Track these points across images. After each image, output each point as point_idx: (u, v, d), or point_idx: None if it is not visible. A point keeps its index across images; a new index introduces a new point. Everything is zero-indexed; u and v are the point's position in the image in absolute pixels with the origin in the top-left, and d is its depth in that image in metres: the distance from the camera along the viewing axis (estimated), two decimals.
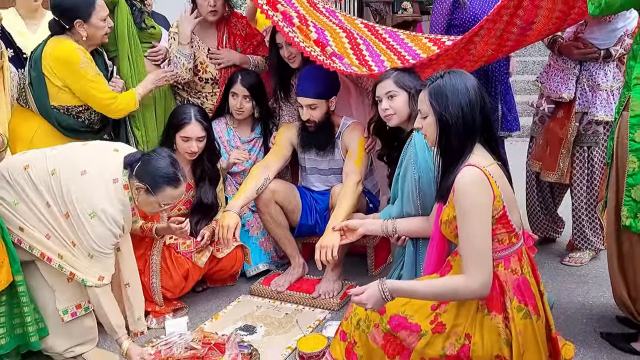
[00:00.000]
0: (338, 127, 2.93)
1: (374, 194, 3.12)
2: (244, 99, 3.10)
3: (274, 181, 2.91)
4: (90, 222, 2.12)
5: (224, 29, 3.22)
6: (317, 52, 2.70)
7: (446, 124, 1.71)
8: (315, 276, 2.98)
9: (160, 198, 2.23)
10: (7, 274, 2.09)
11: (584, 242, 3.05)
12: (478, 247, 1.64)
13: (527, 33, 2.52)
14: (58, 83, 2.65)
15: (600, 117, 2.78)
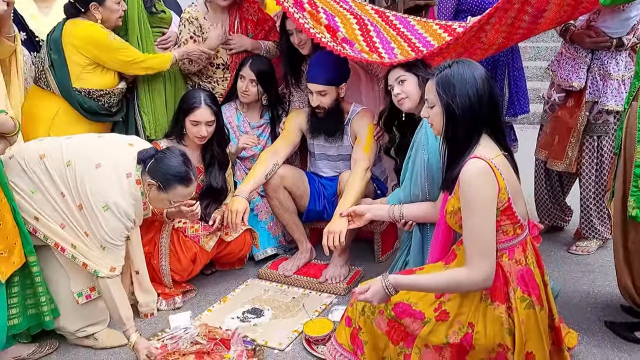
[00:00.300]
0: (347, 114, 2.93)
1: (382, 180, 3.13)
2: (251, 82, 3.11)
3: (283, 167, 2.93)
4: (103, 215, 2.16)
5: (236, 14, 3.23)
6: (327, 38, 2.70)
7: (453, 114, 1.71)
8: (322, 261, 3.02)
9: (171, 195, 2.26)
10: (20, 255, 2.13)
11: (591, 231, 3.05)
12: (482, 239, 1.65)
13: (538, 21, 2.50)
14: (82, 62, 2.70)
15: (610, 107, 2.76)
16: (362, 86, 3.18)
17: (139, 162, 2.24)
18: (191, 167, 2.31)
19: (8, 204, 2.10)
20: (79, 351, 2.41)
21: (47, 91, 2.73)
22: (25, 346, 2.34)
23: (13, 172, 2.21)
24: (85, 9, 2.70)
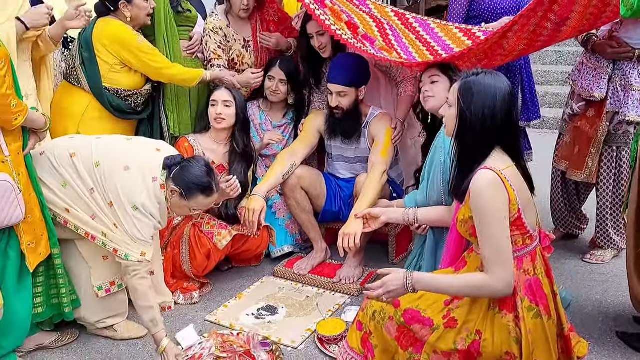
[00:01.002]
0: (366, 117, 2.97)
1: (398, 183, 3.16)
2: (280, 82, 3.18)
3: (301, 167, 2.98)
4: (133, 214, 2.24)
5: (257, 17, 3.29)
6: (348, 34, 2.72)
7: (465, 121, 1.74)
8: (337, 261, 3.06)
9: (191, 203, 2.33)
10: (46, 247, 2.22)
11: (606, 240, 3.05)
12: (498, 248, 1.67)
13: (560, 29, 2.50)
14: (111, 61, 2.78)
15: (631, 118, 2.74)
16: (382, 89, 3.21)
17: (164, 168, 2.32)
18: (214, 178, 2.37)
19: (37, 198, 2.19)
20: (99, 341, 2.49)
21: (77, 87, 2.82)
22: (47, 334, 2.42)
23: (44, 169, 2.30)
24: (115, 8, 2.78)
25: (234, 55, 3.24)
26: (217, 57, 3.20)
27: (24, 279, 2.17)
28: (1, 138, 2.04)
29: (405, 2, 9.12)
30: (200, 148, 2.92)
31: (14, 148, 2.09)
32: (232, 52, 3.23)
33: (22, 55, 2.49)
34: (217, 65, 3.17)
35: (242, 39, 3.25)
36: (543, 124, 6.04)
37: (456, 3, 3.13)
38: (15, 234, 2.11)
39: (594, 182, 2.97)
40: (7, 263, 2.09)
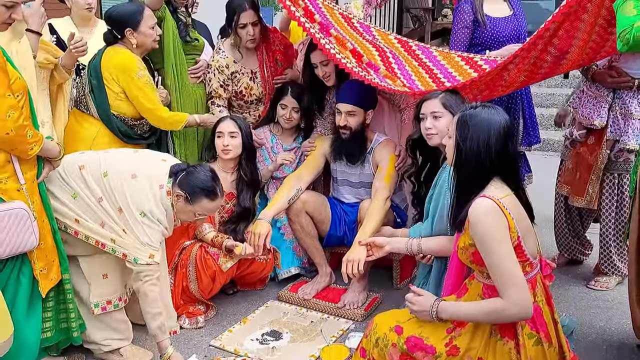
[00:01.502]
0: (370, 143, 3.01)
1: (402, 208, 3.19)
2: (293, 110, 3.26)
3: (306, 192, 3.02)
4: (142, 220, 2.30)
5: (262, 48, 3.35)
6: (353, 63, 2.78)
7: (461, 154, 1.81)
8: (341, 286, 3.08)
9: (196, 207, 2.39)
10: (57, 272, 2.26)
11: (610, 267, 3.05)
12: (505, 272, 1.71)
13: (560, 62, 2.55)
14: (116, 89, 2.84)
15: (631, 146, 2.77)
16: (385, 116, 3.25)
17: (170, 176, 2.39)
18: (218, 183, 2.44)
19: (49, 224, 2.23)
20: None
21: (87, 115, 2.88)
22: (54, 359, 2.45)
23: (54, 183, 2.35)
24: (122, 35, 2.84)
25: (242, 87, 3.31)
26: (218, 96, 3.28)
27: (34, 305, 2.20)
28: (17, 167, 2.09)
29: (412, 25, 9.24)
30: None
31: (29, 176, 2.14)
32: (240, 84, 3.30)
33: (41, 84, 2.57)
34: (217, 105, 3.27)
35: (249, 72, 3.31)
36: (548, 147, 6.08)
37: (459, 31, 3.19)
38: (28, 260, 2.15)
39: (595, 208, 2.99)
40: (19, 289, 2.13)
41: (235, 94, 3.33)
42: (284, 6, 2.84)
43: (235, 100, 3.36)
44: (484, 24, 3.12)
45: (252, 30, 3.17)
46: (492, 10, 3.17)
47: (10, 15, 2.01)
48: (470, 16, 3.14)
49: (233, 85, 3.30)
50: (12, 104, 1.97)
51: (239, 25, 3.16)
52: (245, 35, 3.19)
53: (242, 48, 3.28)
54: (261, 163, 3.35)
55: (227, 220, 3.06)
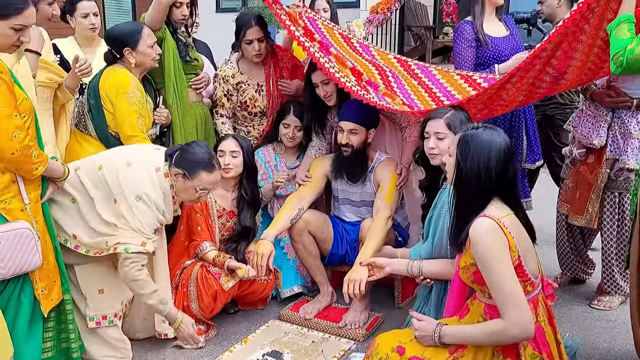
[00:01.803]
0: (372, 161, 3.02)
1: (404, 227, 3.19)
2: (296, 128, 3.28)
3: (308, 211, 3.02)
4: (136, 205, 2.32)
5: (270, 63, 3.42)
6: (352, 82, 2.80)
7: (461, 174, 1.83)
8: (342, 305, 3.06)
9: (196, 182, 2.42)
10: (59, 292, 2.26)
11: (613, 286, 3.04)
12: (508, 291, 1.71)
13: (559, 82, 2.57)
14: (111, 109, 2.83)
15: (631, 165, 2.77)
16: (386, 135, 3.26)
17: (166, 159, 2.42)
18: (214, 156, 2.50)
19: (52, 244, 2.24)
20: None
21: (86, 134, 2.89)
22: None
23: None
24: (121, 55, 2.84)
25: (247, 98, 3.37)
26: (222, 105, 3.38)
27: (35, 325, 2.20)
28: (22, 187, 2.10)
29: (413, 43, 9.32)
30: (212, 195, 2.99)
31: (33, 196, 2.15)
32: (245, 95, 3.36)
33: (44, 104, 2.60)
34: (221, 115, 3.37)
35: (255, 84, 3.38)
36: None
37: (464, 50, 3.21)
38: (30, 280, 2.15)
39: (595, 228, 2.98)
40: (19, 310, 2.13)
41: (240, 105, 3.39)
42: (284, 26, 2.88)
43: (240, 111, 3.42)
44: (486, 44, 3.15)
45: (257, 46, 3.25)
46: (490, 31, 3.20)
47: (19, 37, 2.03)
48: (472, 35, 3.17)
49: (238, 95, 3.37)
50: (19, 125, 1.99)
51: (245, 40, 3.25)
52: (251, 50, 3.26)
53: (247, 61, 3.36)
54: (265, 181, 3.36)
55: (227, 238, 3.06)
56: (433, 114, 2.51)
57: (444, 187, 2.38)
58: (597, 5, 2.13)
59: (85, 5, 3.24)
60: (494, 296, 1.74)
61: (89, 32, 3.31)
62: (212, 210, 3.01)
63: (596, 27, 2.22)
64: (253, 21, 3.23)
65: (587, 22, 2.20)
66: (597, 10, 2.15)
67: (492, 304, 1.81)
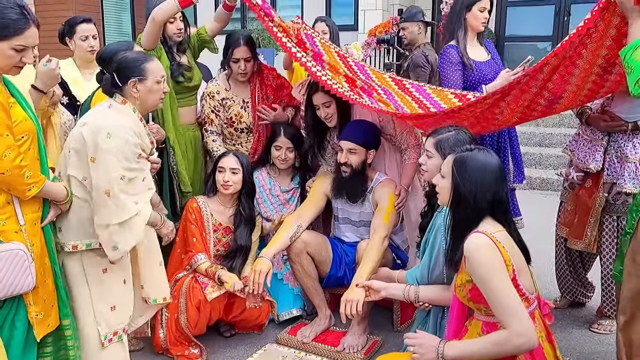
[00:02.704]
0: (371, 182, 3.02)
1: (404, 250, 3.17)
2: (288, 150, 3.29)
3: (307, 232, 3.00)
4: (109, 142, 2.22)
5: (256, 81, 3.46)
6: (345, 87, 2.81)
7: (459, 194, 1.85)
8: (341, 328, 3.03)
9: (150, 77, 2.35)
10: (56, 318, 2.21)
11: (613, 309, 3.01)
12: (506, 304, 1.71)
13: (554, 106, 2.58)
14: None
15: (628, 189, 2.76)
16: (386, 157, 3.25)
17: (111, 95, 2.38)
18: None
19: (51, 267, 2.20)
20: None
21: None
22: None
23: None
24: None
25: (232, 114, 3.40)
26: (210, 122, 3.41)
27: (29, 350, 2.15)
28: (18, 208, 2.07)
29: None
30: (209, 210, 3.02)
31: (31, 218, 2.11)
32: (230, 111, 3.40)
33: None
34: (211, 132, 3.40)
35: (240, 100, 3.41)
36: (548, 186, 6.10)
37: (453, 73, 3.24)
38: (24, 303, 2.11)
39: (594, 252, 2.97)
40: (13, 334, 2.09)
41: (226, 121, 3.42)
42: (276, 39, 2.86)
43: (227, 128, 3.45)
44: (471, 67, 3.20)
45: (243, 65, 3.30)
46: (473, 55, 3.26)
47: (21, 59, 2.02)
48: (457, 59, 3.21)
49: (224, 111, 3.40)
50: (10, 144, 1.97)
51: (232, 59, 3.30)
52: (237, 69, 3.32)
53: (234, 79, 3.42)
54: (261, 205, 3.35)
55: (223, 255, 3.04)
56: (434, 131, 2.49)
57: (440, 209, 2.36)
58: (596, 31, 2.14)
59: (84, 28, 3.25)
60: (494, 310, 1.74)
61: (87, 55, 3.32)
62: (207, 224, 3.01)
63: (593, 52, 2.23)
64: (242, 41, 3.28)
65: (585, 47, 2.21)
66: (595, 36, 2.16)
67: (489, 321, 1.81)
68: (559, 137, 6.67)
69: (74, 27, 3.26)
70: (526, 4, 9.31)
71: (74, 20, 3.29)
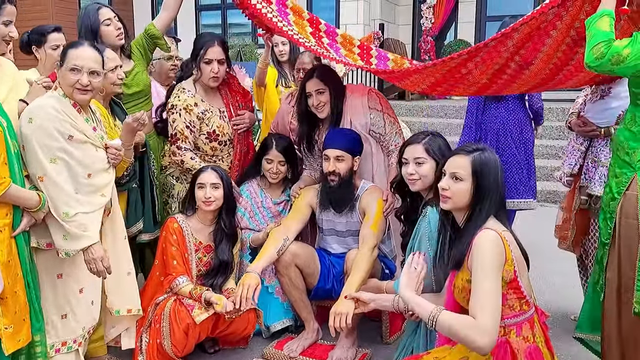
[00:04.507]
0: (357, 190, 2.97)
1: (391, 259, 3.11)
2: (279, 163, 3.20)
3: (295, 244, 2.93)
4: (30, 126, 2.17)
5: (225, 89, 3.28)
6: (312, 42, 2.78)
7: (484, 193, 1.86)
8: (329, 342, 2.96)
9: (66, 63, 2.29)
10: (27, 333, 2.12)
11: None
12: (490, 303, 1.69)
13: (523, 71, 2.58)
14: None
15: (597, 193, 2.84)
16: (374, 157, 3.16)
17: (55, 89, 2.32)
18: None
19: (23, 279, 2.11)
20: None
21: None
22: None
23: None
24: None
25: (215, 127, 3.17)
26: (184, 139, 3.11)
27: None
28: None
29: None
30: (189, 229, 2.91)
31: None
32: (212, 123, 3.16)
33: None
34: (185, 149, 3.10)
35: (217, 110, 3.20)
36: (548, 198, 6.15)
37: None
38: None
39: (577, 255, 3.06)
40: None
41: (208, 135, 3.17)
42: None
43: (209, 143, 3.19)
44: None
45: (216, 67, 3.06)
46: None
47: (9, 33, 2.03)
48: None
49: (204, 125, 3.15)
50: None
51: (205, 59, 3.05)
52: (209, 72, 3.06)
53: (204, 87, 3.17)
54: (252, 219, 3.27)
55: (204, 273, 2.94)
56: (411, 139, 2.49)
57: (424, 214, 2.31)
58: (572, 6, 2.14)
59: (56, 37, 3.10)
60: (472, 301, 1.71)
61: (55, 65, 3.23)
62: (189, 244, 2.90)
63: (568, 24, 2.24)
64: (216, 41, 3.08)
65: (560, 19, 2.22)
66: (572, 10, 2.17)
67: None
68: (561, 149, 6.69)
69: (45, 36, 3.10)
70: None
71: (44, 29, 3.14)
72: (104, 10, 3.05)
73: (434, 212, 2.21)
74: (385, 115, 3.07)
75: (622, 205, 2.13)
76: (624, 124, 2.20)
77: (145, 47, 3.21)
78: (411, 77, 2.76)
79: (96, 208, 2.29)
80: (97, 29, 3.01)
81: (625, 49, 1.92)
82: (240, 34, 10.02)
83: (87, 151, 2.29)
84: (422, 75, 2.70)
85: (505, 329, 1.76)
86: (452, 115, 8.07)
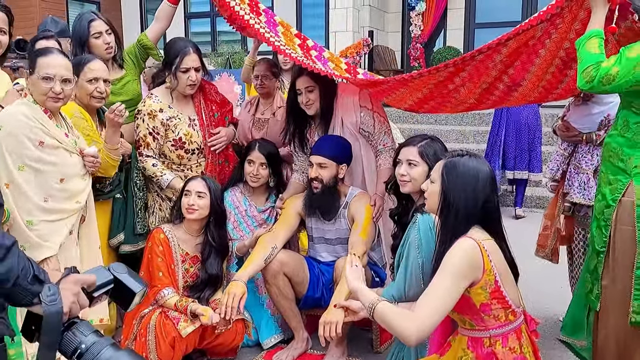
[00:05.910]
0: (345, 197, 2.94)
1: (381, 266, 3.08)
2: (261, 166, 3.13)
3: (284, 252, 2.89)
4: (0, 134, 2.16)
5: (200, 97, 3.18)
6: (299, 53, 2.76)
7: (447, 200, 1.79)
8: (318, 351, 2.92)
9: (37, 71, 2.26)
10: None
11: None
12: (436, 303, 1.66)
13: (512, 93, 2.58)
14: None
15: (576, 199, 2.82)
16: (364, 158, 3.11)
17: None
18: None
19: None
20: None
21: None
22: None
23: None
24: None
25: (181, 134, 3.06)
26: (146, 145, 3.03)
27: None
28: None
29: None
30: (176, 239, 2.85)
31: None
32: (178, 131, 3.06)
33: None
34: (147, 155, 3.03)
35: (187, 118, 3.09)
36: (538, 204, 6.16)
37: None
38: None
39: (555, 262, 3.03)
40: None
41: (174, 143, 3.06)
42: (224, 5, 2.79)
43: (175, 151, 3.07)
44: None
45: (194, 75, 2.98)
46: None
47: None
48: None
49: (170, 132, 3.05)
50: None
51: (181, 69, 2.96)
52: (186, 80, 2.98)
53: (176, 94, 3.09)
54: (236, 229, 3.21)
55: (191, 286, 2.88)
56: (408, 140, 2.47)
57: (414, 221, 2.29)
58: (562, 22, 2.12)
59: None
60: (423, 296, 1.70)
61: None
62: (175, 255, 2.84)
63: (557, 43, 2.22)
64: (191, 48, 2.98)
65: (549, 37, 2.20)
66: (561, 27, 2.15)
67: (474, 336, 1.75)
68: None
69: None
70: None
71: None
72: (96, 23, 3.00)
73: (424, 219, 2.18)
74: (375, 115, 3.04)
75: (617, 212, 2.10)
76: (616, 130, 2.15)
77: (137, 56, 3.21)
78: (398, 91, 2.74)
79: (66, 216, 2.26)
80: (86, 40, 2.98)
81: (613, 68, 1.92)
82: (230, 42, 9.99)
83: (60, 156, 2.27)
84: (409, 89, 2.67)
85: (491, 339, 1.73)
86: (442, 122, 8.10)
